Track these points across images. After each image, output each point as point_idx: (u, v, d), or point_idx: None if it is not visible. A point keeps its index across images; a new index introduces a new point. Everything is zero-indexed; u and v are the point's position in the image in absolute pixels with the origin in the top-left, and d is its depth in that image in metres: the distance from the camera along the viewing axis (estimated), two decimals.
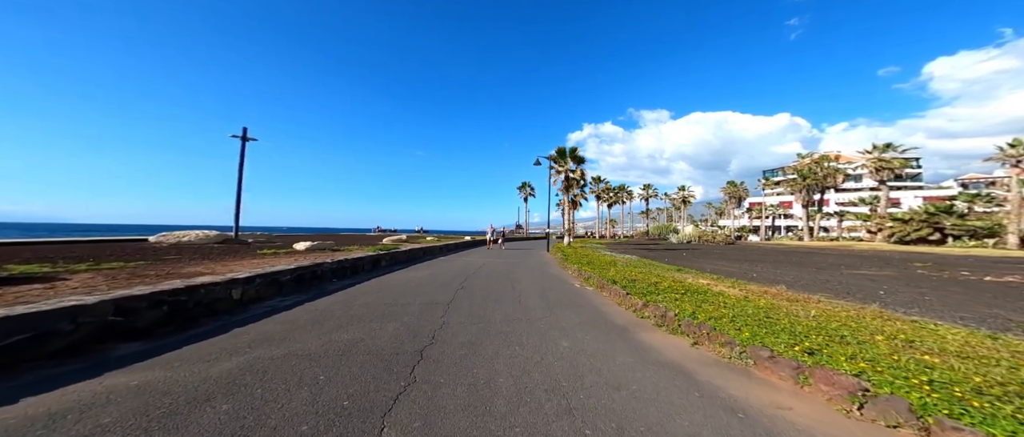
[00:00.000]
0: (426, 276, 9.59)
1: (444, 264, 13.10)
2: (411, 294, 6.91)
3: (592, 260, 13.40)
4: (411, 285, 7.96)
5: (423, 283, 8.30)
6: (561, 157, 27.48)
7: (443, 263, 13.46)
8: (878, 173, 37.52)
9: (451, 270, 11.19)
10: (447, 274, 10.15)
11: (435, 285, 8.05)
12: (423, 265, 12.36)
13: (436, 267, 11.98)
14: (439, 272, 10.58)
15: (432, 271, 10.78)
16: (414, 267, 11.70)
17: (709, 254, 22.62)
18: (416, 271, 10.69)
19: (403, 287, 7.68)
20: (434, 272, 10.55)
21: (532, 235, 63.38)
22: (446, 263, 13.51)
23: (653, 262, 14.09)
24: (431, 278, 9.21)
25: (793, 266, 14.88)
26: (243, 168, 17.45)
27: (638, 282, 7.70)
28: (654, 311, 5.38)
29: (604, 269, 10.61)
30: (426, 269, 11.24)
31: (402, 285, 7.93)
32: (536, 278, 9.97)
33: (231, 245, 14.92)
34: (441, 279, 9.07)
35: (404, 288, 7.56)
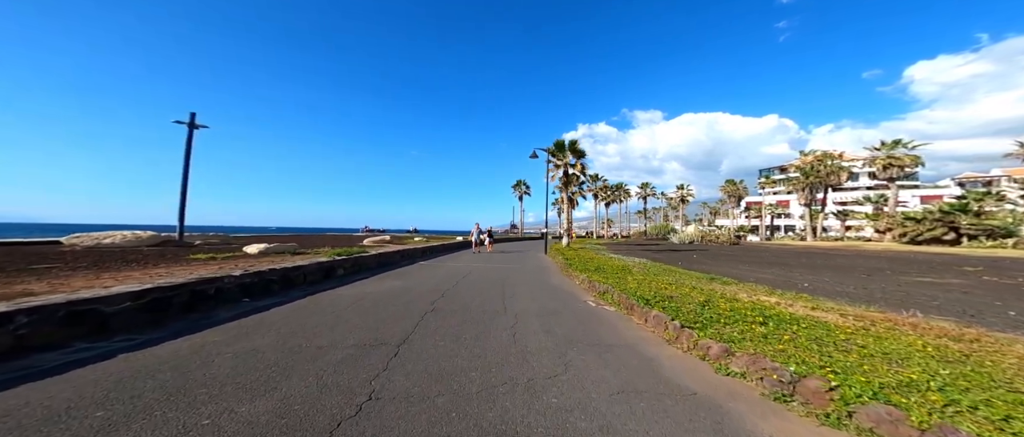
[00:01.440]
0: (390, 291, 7.27)
1: (421, 272, 10.78)
2: (349, 325, 4.60)
3: (601, 266, 11.19)
4: (359, 307, 5.64)
5: (379, 303, 5.99)
6: (560, 150, 25.30)
7: (421, 271, 11.14)
8: (886, 171, 35.95)
9: (427, 281, 8.89)
10: (420, 287, 7.84)
11: (395, 307, 5.75)
12: (393, 274, 10.03)
13: (410, 277, 9.67)
14: (410, 284, 8.27)
15: (402, 283, 8.46)
16: (380, 277, 9.37)
17: (720, 256, 20.60)
18: (379, 283, 8.36)
19: (345, 311, 5.35)
20: (404, 284, 8.24)
21: (528, 235, 61.16)
22: (424, 270, 11.20)
23: (670, 267, 11.93)
24: (395, 295, 6.90)
25: (830, 271, 12.82)
26: (189, 160, 14.95)
27: (679, 300, 5.49)
28: (751, 364, 3.12)
29: (620, 278, 8.41)
30: (395, 280, 8.92)
31: (345, 307, 5.60)
32: (535, 292, 7.71)
33: (166, 248, 12.46)
34: (408, 296, 6.76)
35: (345, 313, 5.24)
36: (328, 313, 5.19)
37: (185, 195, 14.71)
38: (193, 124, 15.20)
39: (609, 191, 60.93)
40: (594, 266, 11.10)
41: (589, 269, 10.32)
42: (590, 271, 9.88)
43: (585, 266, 11.17)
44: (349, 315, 5.12)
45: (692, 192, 68.35)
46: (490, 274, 10.51)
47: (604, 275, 9.00)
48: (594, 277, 8.58)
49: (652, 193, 69.47)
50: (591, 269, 10.30)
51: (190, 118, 15.15)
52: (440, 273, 10.47)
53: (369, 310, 5.46)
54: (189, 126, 15.09)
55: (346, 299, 6.21)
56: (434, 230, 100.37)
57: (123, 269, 7.27)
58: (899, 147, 35.36)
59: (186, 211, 14.68)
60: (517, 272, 11.22)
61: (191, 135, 15.12)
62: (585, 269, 10.35)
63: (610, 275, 9.05)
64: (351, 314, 5.18)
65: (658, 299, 5.56)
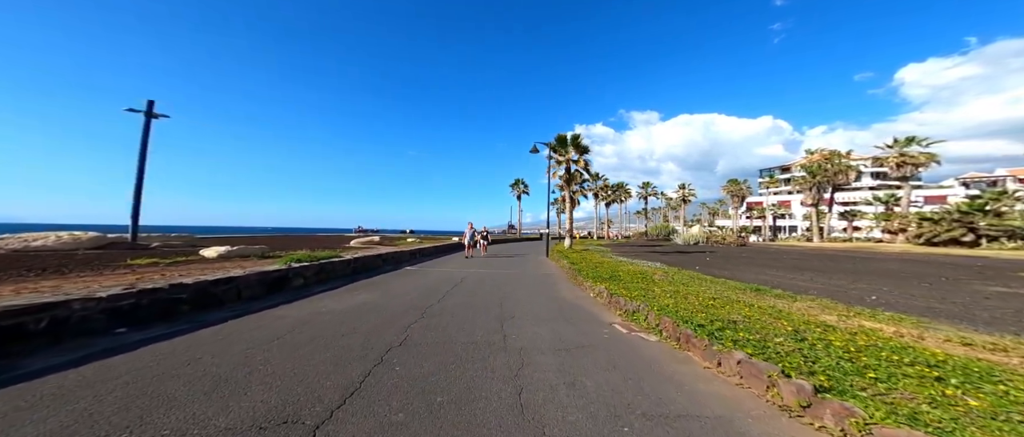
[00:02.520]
0: (353, 310, 5.58)
1: (404, 280, 9.10)
2: (257, 377, 2.91)
3: (615, 272, 9.54)
4: (293, 341, 3.94)
5: (328, 332, 4.31)
6: (562, 145, 23.64)
7: (403, 279, 9.45)
8: (899, 169, 34.56)
9: (407, 294, 7.21)
10: (395, 303, 6.16)
11: (349, 339, 4.06)
12: (367, 284, 8.33)
13: (387, 287, 7.98)
14: (384, 299, 6.59)
15: (374, 297, 6.77)
16: (349, 288, 7.67)
17: (734, 258, 19.01)
18: (344, 297, 6.67)
19: (265, 348, 3.64)
20: (375, 299, 6.55)
21: (526, 235, 59.52)
22: (407, 278, 9.51)
23: (692, 272, 10.29)
24: (358, 315, 5.21)
25: (875, 277, 11.21)
26: (146, 153, 13.20)
27: (750, 328, 3.84)
28: None
29: (644, 289, 6.77)
30: (367, 292, 7.22)
31: (271, 340, 3.90)
32: (543, 311, 6.04)
33: (109, 251, 10.71)
34: (375, 318, 5.08)
35: (265, 351, 3.54)
36: (235, 352, 3.47)
37: (140, 191, 12.96)
38: (151, 113, 13.46)
39: (609, 191, 59.36)
40: (607, 272, 9.46)
41: (602, 276, 8.67)
42: (604, 279, 8.24)
43: (596, 272, 9.53)
44: (269, 356, 3.42)
45: (693, 192, 66.93)
46: (485, 283, 8.84)
47: (623, 285, 7.36)
48: (612, 288, 6.93)
49: (654, 193, 67.98)
50: (605, 277, 8.66)
51: (147, 107, 13.41)
52: (426, 282, 8.77)
53: (305, 345, 3.76)
54: (146, 115, 13.34)
55: (283, 325, 4.50)
56: (431, 230, 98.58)
57: (16, 281, 5.56)
58: (913, 144, 33.97)
59: (141, 209, 12.93)
60: (517, 280, 9.55)
61: (148, 126, 13.37)
62: (597, 276, 8.70)
63: (630, 285, 7.41)
64: (273, 354, 3.48)
65: (719, 325, 3.93)
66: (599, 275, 9.00)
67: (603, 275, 9.00)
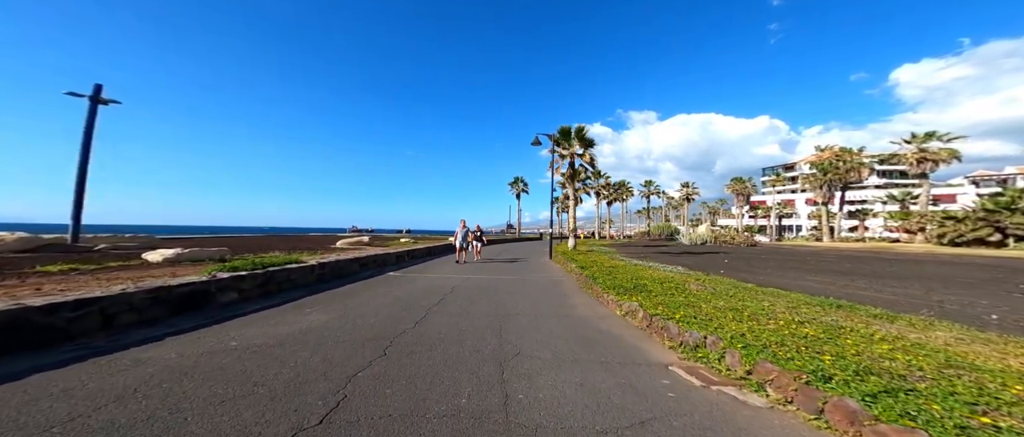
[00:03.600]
0: (278, 346, 3.88)
1: (379, 291, 7.39)
2: None
3: (639, 280, 7.83)
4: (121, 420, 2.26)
5: (184, 402, 2.62)
6: (565, 138, 21.96)
7: (379, 289, 7.75)
8: (919, 166, 32.97)
9: (375, 313, 5.51)
10: (353, 330, 4.46)
11: (241, 405, 2.39)
12: (330, 297, 6.62)
13: (354, 302, 6.28)
14: (340, 323, 4.88)
15: (325, 319, 5.06)
16: (303, 303, 5.96)
17: (753, 260, 17.36)
18: (289, 318, 4.97)
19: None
20: (331, 323, 4.85)
21: (525, 235, 57.81)
22: (385, 289, 7.82)
23: (734, 281, 8.60)
24: (274, 358, 3.51)
25: (926, 283, 9.54)
26: (90, 142, 11.48)
27: (891, 369, 2.17)
28: None
29: (688, 305, 5.12)
30: (324, 311, 5.51)
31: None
32: (560, 342, 4.32)
33: (36, 255, 9.00)
34: (310, 357, 3.38)
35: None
36: None
37: (83, 186, 11.24)
38: (98, 99, 11.73)
39: (611, 189, 57.70)
40: (628, 280, 7.76)
41: (623, 286, 7.00)
42: (628, 290, 6.56)
43: (614, 279, 7.85)
44: None
45: (697, 190, 65.33)
46: (481, 295, 7.14)
47: (658, 299, 5.68)
48: (647, 304, 5.26)
49: (656, 192, 66.34)
50: (627, 286, 6.98)
51: (94, 91, 11.68)
52: (407, 293, 7.07)
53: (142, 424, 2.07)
54: (92, 100, 11.61)
55: (113, 386, 2.77)
56: (428, 230, 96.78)
57: None
58: (933, 140, 32.37)
59: (84, 205, 11.21)
60: (520, 290, 7.85)
61: (94, 112, 11.64)
62: (618, 285, 7.02)
63: (667, 298, 5.73)
64: None
65: (878, 385, 2.27)
66: (619, 284, 7.31)
67: (624, 284, 7.32)
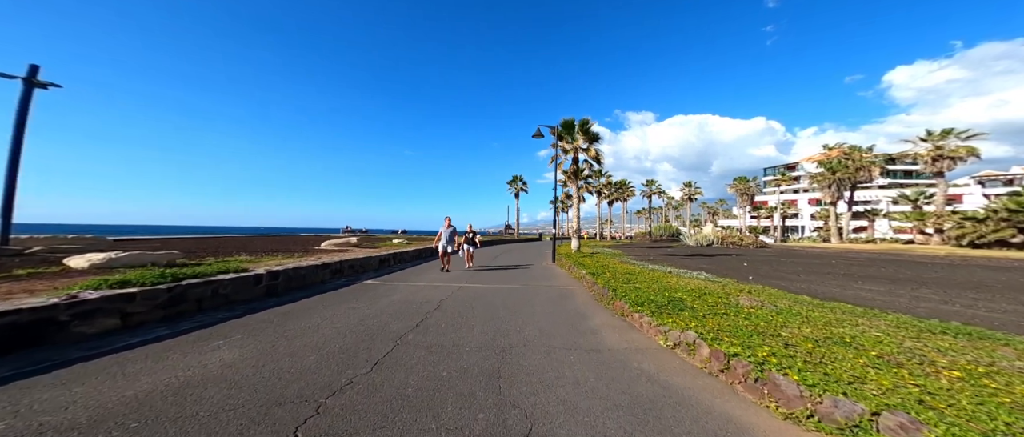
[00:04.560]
0: (104, 428, 2.38)
1: (337, 311, 5.86)
2: None
3: (671, 292, 6.30)
4: None
5: None
6: (568, 132, 20.43)
7: (341, 306, 6.23)
8: (935, 164, 31.59)
9: (317, 351, 4.00)
10: (247, 395, 2.95)
11: None
12: (263, 321, 5.10)
13: (298, 326, 4.76)
14: (246, 373, 3.36)
15: (240, 357, 3.56)
16: (212, 332, 4.44)
17: (778, 263, 15.91)
18: (167, 363, 3.46)
19: None
20: (228, 370, 3.34)
21: (524, 236, 56.32)
22: (350, 305, 6.29)
23: (780, 291, 7.11)
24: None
25: (992, 293, 8.06)
26: (23, 132, 9.88)
27: None
28: None
29: (771, 336, 3.58)
30: (236, 346, 3.99)
31: None
32: (598, 407, 2.80)
33: None
34: None
35: None
36: None
37: (14, 178, 9.66)
38: (34, 81, 10.14)
39: (612, 188, 56.22)
40: (657, 292, 6.26)
41: (654, 300, 5.51)
42: (663, 307, 5.08)
43: (638, 290, 6.35)
44: None
45: (699, 190, 63.92)
46: (473, 317, 5.61)
47: (705, 320, 4.22)
48: (701, 331, 3.79)
49: (658, 191, 64.88)
50: (658, 300, 5.49)
51: (29, 72, 10.09)
52: (376, 312, 5.55)
53: None
54: (26, 83, 10.02)
55: None
56: (425, 230, 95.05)
57: None
58: (950, 137, 30.98)
59: (15, 201, 9.63)
60: (524, 308, 6.32)
61: (29, 96, 10.05)
62: (646, 300, 5.53)
63: (717, 318, 4.26)
64: None
65: None
66: (648, 297, 5.81)
67: (653, 297, 5.82)
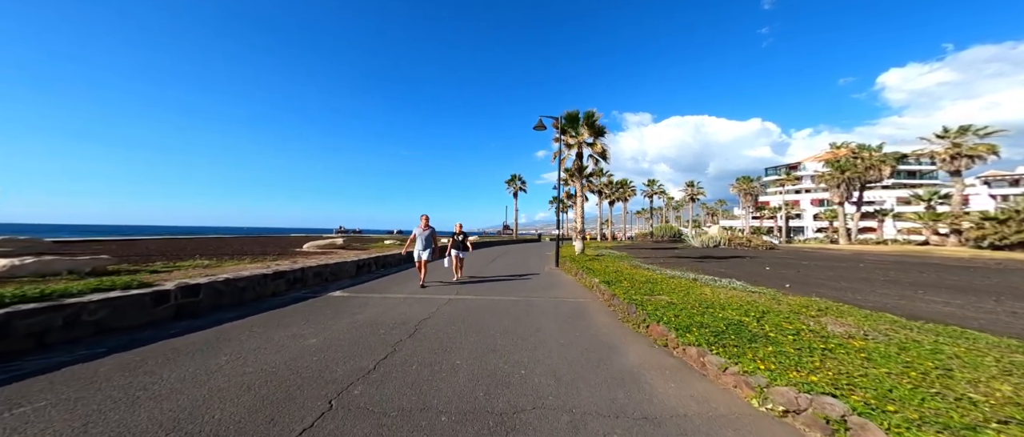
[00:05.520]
0: None
1: (267, 347, 4.27)
2: None
3: (723, 313, 4.67)
4: None
5: None
6: (572, 125, 18.87)
7: (279, 332, 4.64)
8: (953, 162, 30.28)
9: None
10: None
11: None
12: (114, 371, 3.53)
13: (163, 384, 3.17)
14: None
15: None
16: (14, 391, 2.87)
17: (805, 267, 14.42)
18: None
19: None
20: None
21: (523, 237, 54.80)
22: (290, 331, 4.69)
23: (866, 311, 5.59)
24: None
25: None
26: None
27: None
28: None
29: (944, 401, 2.03)
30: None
31: None
32: None
33: None
34: None
35: None
36: None
37: None
38: None
39: (613, 188, 54.78)
40: (706, 311, 4.72)
41: (714, 328, 3.97)
42: (729, 339, 3.54)
43: (679, 310, 4.82)
44: None
45: (702, 190, 62.59)
46: (459, 351, 4.01)
47: (805, 362, 2.68)
48: (827, 387, 2.26)
49: (659, 191, 63.48)
50: (715, 326, 3.96)
51: None
52: (321, 346, 3.94)
53: None
54: None
55: None
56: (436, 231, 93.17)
57: None
58: (968, 134, 29.68)
59: None
60: (529, 334, 4.71)
61: None
62: (697, 324, 4.00)
63: (826, 360, 2.73)
64: None
65: None
66: (694, 319, 4.27)
67: (701, 318, 4.28)
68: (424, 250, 8.27)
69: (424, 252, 8.26)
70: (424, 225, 8.42)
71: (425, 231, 8.38)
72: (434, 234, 8.48)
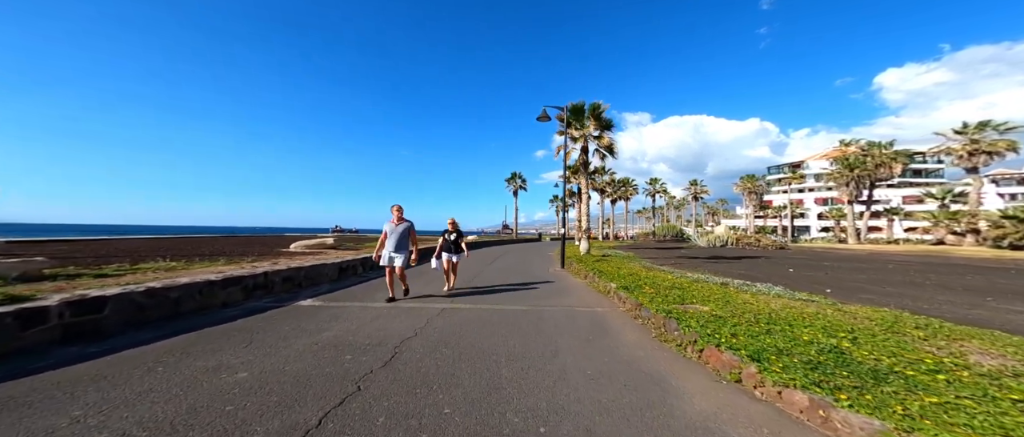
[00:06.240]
0: None
1: (85, 425, 3.12)
2: None
3: (797, 333, 3.48)
4: None
5: None
6: (577, 118, 17.72)
7: (176, 379, 3.48)
8: (971, 159, 29.19)
9: None
10: None
11: None
12: None
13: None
14: None
15: None
16: None
17: (818, 268, 13.31)
18: None
19: None
20: None
21: (523, 236, 53.70)
22: (192, 377, 3.53)
23: (1003, 336, 4.47)
24: None
25: None
26: None
27: None
28: None
29: None
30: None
31: None
32: None
33: None
34: None
35: None
36: None
37: None
38: None
39: (616, 186, 53.67)
40: (772, 328, 3.58)
41: (804, 356, 2.82)
42: (840, 376, 2.42)
43: (737, 329, 3.70)
44: None
45: (706, 189, 61.50)
46: (441, 404, 2.84)
47: (993, 425, 1.56)
48: None
49: (661, 190, 62.35)
50: (802, 352, 2.81)
51: None
52: (242, 392, 2.76)
53: None
54: None
55: None
56: (421, 231, 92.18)
57: None
58: (988, 130, 28.59)
59: None
60: (546, 373, 3.44)
61: None
62: (774, 350, 2.88)
63: None
64: None
65: None
66: (766, 342, 3.15)
67: (774, 340, 3.14)
68: (396, 253, 6.05)
69: (396, 256, 6.03)
70: (397, 218, 6.25)
71: (398, 226, 6.19)
72: (412, 232, 6.32)
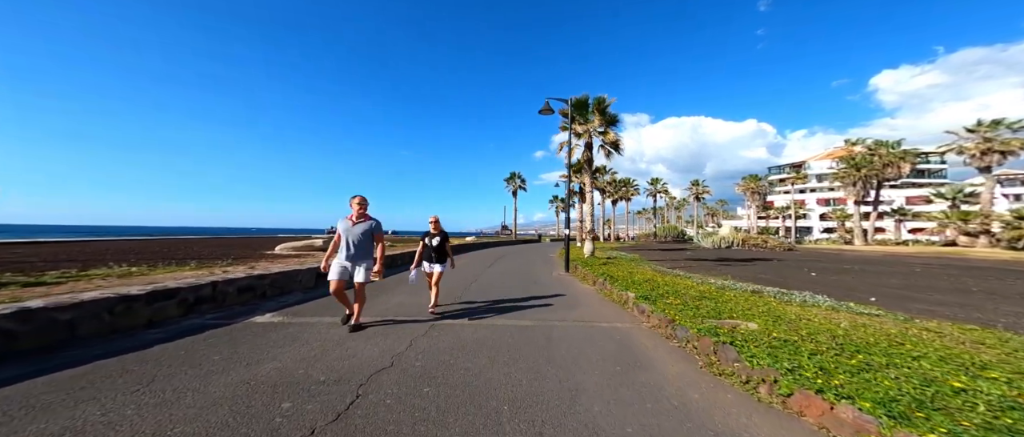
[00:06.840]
0: None
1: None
2: None
3: (899, 366, 2.60)
4: None
5: None
6: (581, 112, 16.74)
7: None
8: (983, 158, 28.39)
9: None
10: None
11: None
12: None
13: None
14: None
15: None
16: None
17: (837, 271, 12.36)
18: None
19: None
20: None
21: (522, 237, 52.72)
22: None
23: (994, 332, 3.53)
24: None
25: None
26: None
27: None
28: None
29: None
30: None
31: None
32: None
33: None
34: None
35: None
36: None
37: None
38: None
39: (617, 186, 52.74)
40: (868, 360, 2.61)
41: (980, 428, 1.89)
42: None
43: (830, 363, 2.72)
44: None
45: (708, 189, 60.64)
46: None
47: None
48: None
49: (663, 190, 61.49)
50: (967, 421, 1.89)
51: None
52: None
53: None
54: None
55: None
56: (421, 231, 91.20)
57: None
58: (1000, 128, 27.77)
59: None
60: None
61: None
62: (929, 410, 1.93)
63: None
64: None
65: None
66: (898, 391, 2.16)
67: (916, 392, 2.16)
68: (353, 262, 4.23)
69: (356, 267, 4.23)
70: (357, 214, 4.35)
71: (359, 225, 4.30)
72: (378, 233, 4.45)
